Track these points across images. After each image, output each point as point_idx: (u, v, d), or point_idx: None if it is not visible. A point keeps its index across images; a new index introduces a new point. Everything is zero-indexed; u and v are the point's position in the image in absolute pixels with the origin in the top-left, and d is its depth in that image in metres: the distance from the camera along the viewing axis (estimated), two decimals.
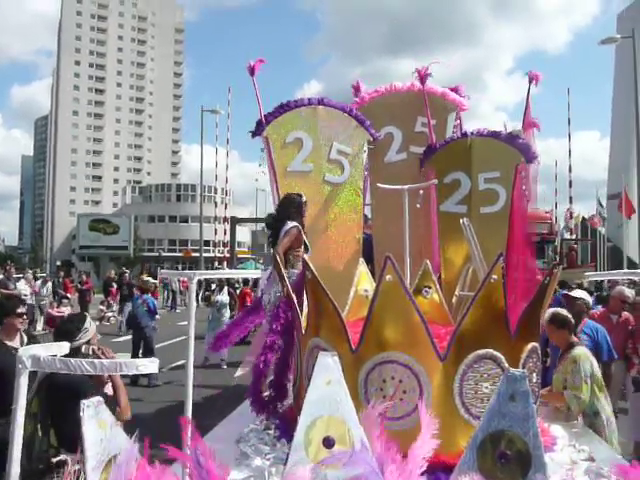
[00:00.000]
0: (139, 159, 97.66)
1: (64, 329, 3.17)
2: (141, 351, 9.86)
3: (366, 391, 2.83)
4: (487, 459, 1.52)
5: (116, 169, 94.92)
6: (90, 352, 3.04)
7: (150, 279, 11.09)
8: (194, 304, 1.99)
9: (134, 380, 9.06)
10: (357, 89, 6.01)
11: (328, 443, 1.44)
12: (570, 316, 4.12)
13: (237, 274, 5.73)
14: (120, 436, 1.61)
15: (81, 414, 1.43)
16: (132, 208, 69.29)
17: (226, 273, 4.90)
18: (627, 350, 5.77)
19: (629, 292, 6.42)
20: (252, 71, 5.04)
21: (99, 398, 1.54)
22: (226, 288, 11.50)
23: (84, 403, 1.44)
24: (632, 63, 19.18)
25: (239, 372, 10.26)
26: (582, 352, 3.97)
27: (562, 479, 2.78)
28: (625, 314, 6.26)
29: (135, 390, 8.84)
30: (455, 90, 6.12)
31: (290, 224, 4.21)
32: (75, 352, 2.90)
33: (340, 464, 1.36)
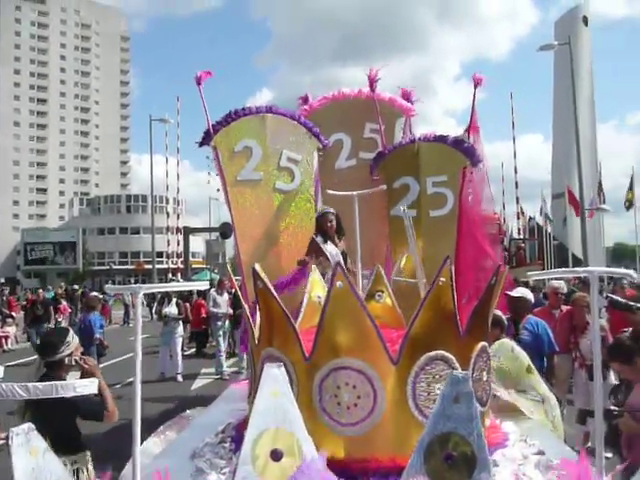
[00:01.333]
0: (86, 170, 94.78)
1: (48, 342, 3.28)
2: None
3: (321, 398, 2.82)
4: (434, 461, 1.53)
5: (62, 181, 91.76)
6: (73, 363, 3.17)
7: (97, 294, 10.73)
8: (140, 319, 1.93)
9: None
10: (305, 100, 6.05)
11: (276, 456, 1.42)
12: (502, 316, 4.30)
13: (185, 287, 5.61)
14: (53, 463, 1.53)
15: (10, 443, 1.36)
16: (80, 221, 67.21)
17: (173, 286, 4.79)
18: (570, 344, 5.97)
19: (558, 284, 6.66)
20: (199, 81, 5.00)
21: (30, 425, 1.47)
22: (174, 300, 11.33)
23: (12, 431, 1.37)
24: (569, 68, 20.07)
25: (196, 384, 10.13)
26: (499, 342, 4.15)
27: (514, 474, 2.84)
28: (565, 308, 6.48)
29: None
30: (407, 95, 6.22)
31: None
32: (59, 364, 3.11)
33: (290, 476, 1.35)
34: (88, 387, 1.73)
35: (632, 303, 6.29)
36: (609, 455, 5.76)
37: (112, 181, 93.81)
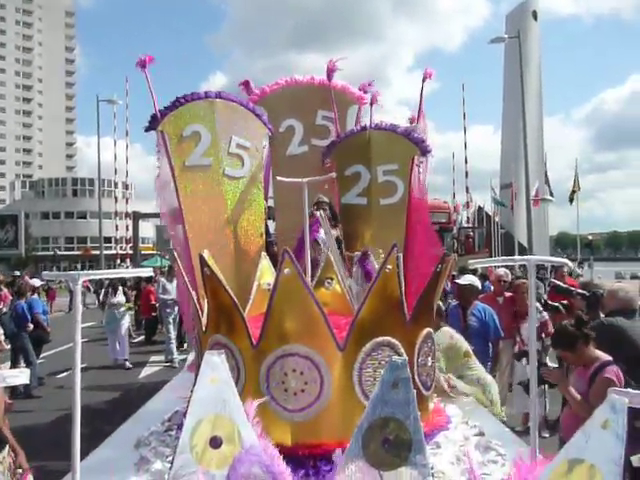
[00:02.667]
0: (29, 151, 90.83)
1: None
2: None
3: (268, 385, 2.83)
4: (372, 445, 1.57)
5: (2, 162, 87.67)
6: None
7: (34, 280, 10.38)
8: (79, 307, 1.87)
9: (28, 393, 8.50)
10: (246, 85, 5.97)
11: (215, 443, 1.42)
12: (441, 305, 4.47)
13: (126, 273, 5.48)
14: None
15: None
16: (22, 204, 64.40)
17: (114, 273, 4.66)
18: (512, 330, 6.20)
19: (502, 271, 6.92)
20: (142, 65, 4.84)
21: None
22: (121, 289, 11.27)
23: None
24: (519, 61, 20.60)
25: (144, 372, 9.98)
26: (440, 330, 4.31)
27: (455, 455, 2.94)
28: (508, 294, 6.73)
29: (30, 400, 8.30)
30: (366, 86, 6.22)
31: None
32: None
33: (229, 463, 1.35)
34: (19, 378, 1.67)
35: (572, 288, 6.58)
36: (546, 435, 6.06)
37: (57, 163, 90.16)
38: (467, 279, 5.82)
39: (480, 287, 6.28)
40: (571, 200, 31.08)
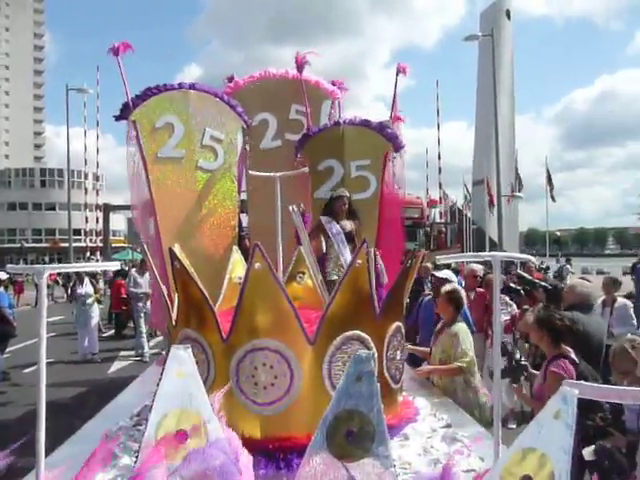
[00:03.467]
0: None
1: None
2: None
3: (238, 379, 2.84)
4: (336, 438, 1.60)
5: None
6: None
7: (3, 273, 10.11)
8: (44, 302, 1.85)
9: None
10: (230, 80, 5.93)
11: (181, 437, 1.42)
12: (463, 298, 4.48)
13: (93, 267, 5.39)
14: None
15: None
16: None
17: (80, 266, 4.55)
18: (484, 324, 6.31)
19: (477, 267, 7.05)
20: (115, 52, 4.76)
21: None
22: (87, 280, 11.06)
23: None
24: (492, 59, 20.83)
25: (114, 366, 9.86)
26: (463, 327, 4.33)
27: (422, 446, 2.99)
28: (479, 290, 6.85)
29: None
30: (337, 83, 6.24)
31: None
32: None
33: (194, 458, 1.35)
34: None
35: (536, 280, 6.73)
36: (513, 426, 6.20)
37: (25, 153, 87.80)
38: (444, 273, 5.92)
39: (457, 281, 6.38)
40: (553, 198, 31.62)
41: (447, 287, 4.60)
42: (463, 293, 4.54)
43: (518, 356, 5.51)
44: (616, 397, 1.36)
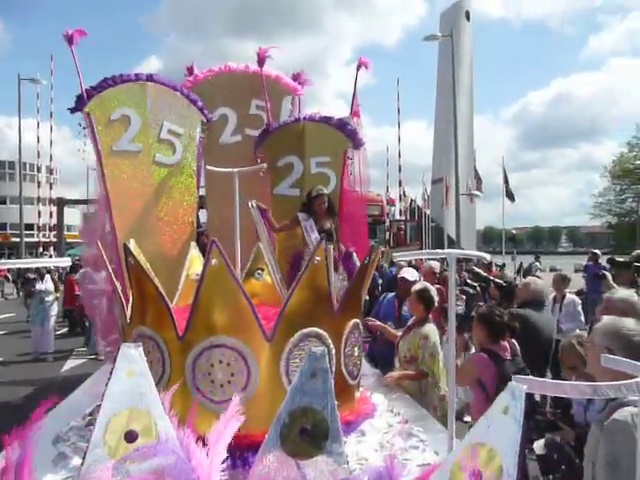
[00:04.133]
0: None
1: None
2: None
3: (194, 377, 2.80)
4: (290, 435, 1.59)
5: None
6: None
7: None
8: None
9: None
10: (190, 71, 5.82)
11: (130, 437, 1.39)
12: (435, 297, 4.51)
13: (44, 263, 5.21)
14: None
15: None
16: None
17: (31, 262, 4.37)
18: (441, 321, 6.42)
19: (435, 264, 7.18)
20: (70, 40, 4.60)
21: None
22: (48, 276, 10.60)
23: None
24: (451, 59, 21.19)
25: (67, 365, 9.59)
26: (433, 329, 4.37)
27: (379, 442, 3.02)
28: (437, 286, 6.98)
29: None
30: (297, 76, 6.19)
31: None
32: None
33: (144, 457, 1.32)
34: None
35: (491, 277, 6.90)
36: (468, 419, 6.34)
37: None
38: (407, 271, 5.96)
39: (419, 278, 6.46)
40: (512, 197, 32.30)
41: (418, 286, 4.61)
42: (434, 292, 4.58)
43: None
44: (562, 392, 1.40)
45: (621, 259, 7.37)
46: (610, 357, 1.56)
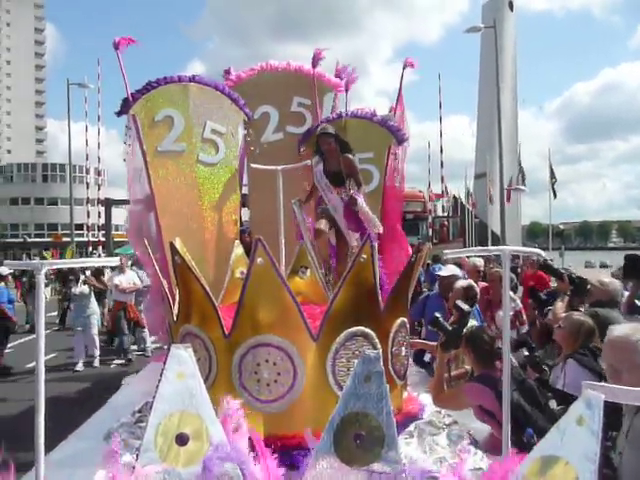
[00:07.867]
0: None
1: None
2: None
3: (240, 375, 2.79)
4: (344, 441, 1.54)
5: None
6: None
7: (1, 269, 9.87)
8: (42, 298, 1.79)
9: None
10: (228, 74, 5.85)
11: (182, 440, 1.37)
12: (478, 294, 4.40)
13: (91, 262, 5.32)
14: None
15: None
16: None
17: (78, 262, 4.43)
18: (486, 319, 6.24)
19: (479, 261, 6.97)
20: (117, 46, 4.70)
21: None
22: (82, 278, 10.25)
23: None
24: (494, 51, 20.64)
25: (115, 364, 9.79)
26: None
27: (428, 444, 2.94)
28: (482, 284, 6.78)
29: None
30: (342, 70, 6.12)
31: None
32: None
33: (197, 461, 1.30)
34: None
35: (563, 271, 6.58)
36: None
37: (26, 148, 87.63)
38: (449, 269, 5.83)
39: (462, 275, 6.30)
40: (554, 193, 31.38)
41: (463, 283, 4.50)
42: (477, 289, 4.45)
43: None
44: (634, 399, 1.28)
45: None
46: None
